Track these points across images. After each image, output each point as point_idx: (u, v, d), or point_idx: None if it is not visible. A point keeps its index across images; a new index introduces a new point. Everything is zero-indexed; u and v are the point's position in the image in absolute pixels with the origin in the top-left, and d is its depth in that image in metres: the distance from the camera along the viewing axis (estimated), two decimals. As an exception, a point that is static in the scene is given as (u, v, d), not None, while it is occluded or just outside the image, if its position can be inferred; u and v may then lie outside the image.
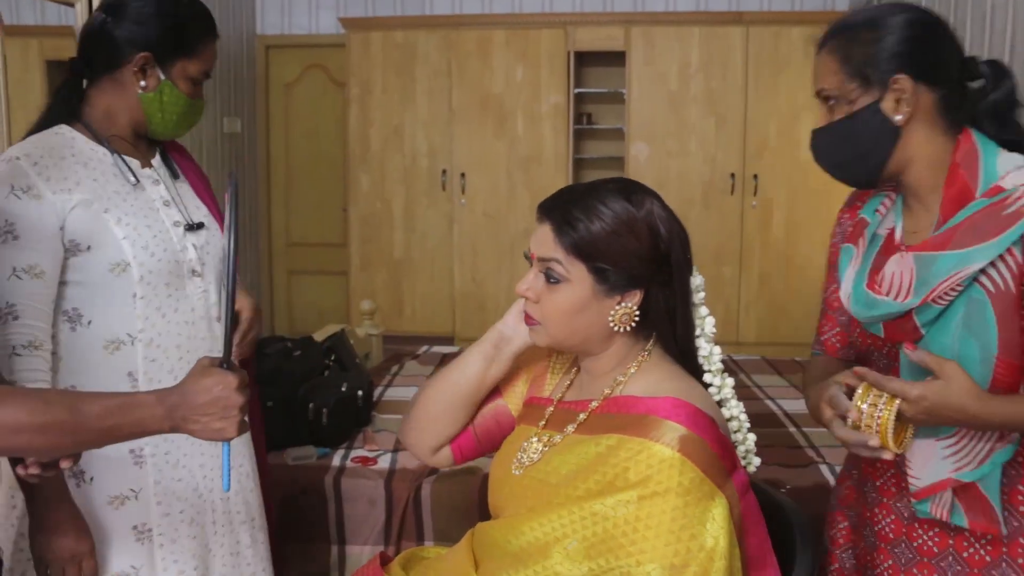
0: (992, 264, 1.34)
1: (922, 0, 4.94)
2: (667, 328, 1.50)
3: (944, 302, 1.37)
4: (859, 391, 1.36)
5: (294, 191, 6.93)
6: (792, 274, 6.01)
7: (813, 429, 3.38)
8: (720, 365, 1.54)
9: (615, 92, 6.19)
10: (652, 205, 1.47)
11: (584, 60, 6.25)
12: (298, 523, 2.74)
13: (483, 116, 6.12)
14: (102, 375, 1.77)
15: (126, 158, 1.85)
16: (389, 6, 6.59)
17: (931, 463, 1.42)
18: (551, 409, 1.56)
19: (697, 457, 1.33)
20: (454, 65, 6.10)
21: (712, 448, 1.35)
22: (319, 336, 3.71)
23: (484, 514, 1.78)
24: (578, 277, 1.43)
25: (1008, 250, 1.34)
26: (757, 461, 1.58)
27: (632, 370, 1.48)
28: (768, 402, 3.77)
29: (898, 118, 1.42)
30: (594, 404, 1.48)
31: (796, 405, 3.71)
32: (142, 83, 1.83)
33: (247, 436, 2.03)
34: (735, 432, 1.54)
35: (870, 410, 1.34)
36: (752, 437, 1.57)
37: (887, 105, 1.42)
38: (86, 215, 1.73)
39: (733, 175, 5.97)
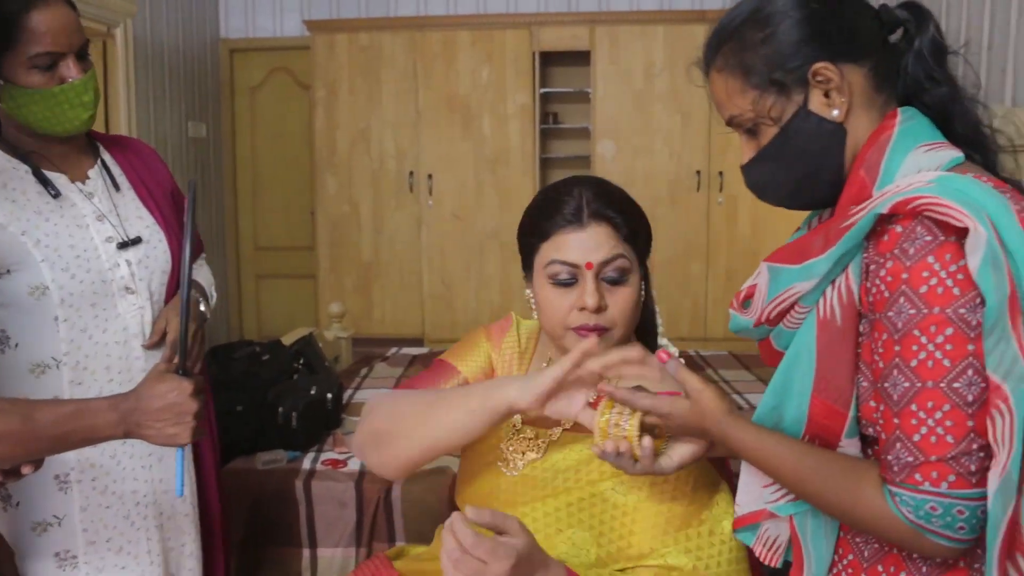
0: (834, 285, 1.11)
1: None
2: (648, 303, 1.53)
3: (792, 325, 1.16)
4: (601, 405, 1.25)
5: (261, 195, 6.90)
6: (759, 270, 6.05)
7: (780, 423, 3.41)
8: (663, 333, 1.59)
9: (581, 91, 6.21)
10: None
11: (549, 60, 6.26)
12: (269, 527, 2.73)
13: (450, 117, 6.12)
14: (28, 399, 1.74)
15: (50, 173, 1.76)
16: (353, 8, 6.57)
17: (753, 489, 1.25)
18: None
19: None
20: (420, 66, 6.09)
21: None
22: (287, 340, 3.70)
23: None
24: (635, 265, 1.45)
25: (845, 274, 1.10)
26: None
27: None
28: (736, 396, 3.80)
29: (835, 113, 1.15)
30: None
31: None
32: None
33: (189, 459, 1.98)
34: None
35: (616, 423, 1.22)
36: None
37: (816, 104, 1.16)
38: (1, 238, 1.65)
39: (699, 172, 6.01)
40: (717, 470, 1.38)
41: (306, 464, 2.87)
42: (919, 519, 1.01)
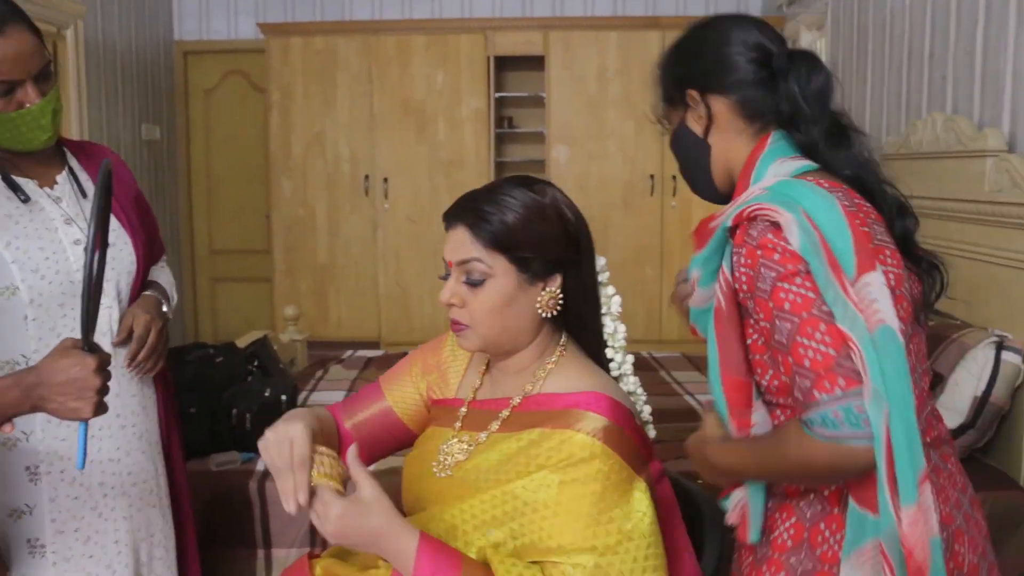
0: (716, 281, 1.36)
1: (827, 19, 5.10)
2: (583, 308, 1.54)
3: (696, 304, 1.42)
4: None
5: (216, 198, 6.87)
6: (711, 272, 6.13)
7: (730, 421, 3.48)
8: (623, 343, 1.61)
9: (535, 96, 6.27)
10: (554, 192, 1.51)
11: (504, 65, 6.31)
12: (223, 528, 2.74)
13: (404, 121, 6.14)
14: None
15: (19, 179, 1.81)
16: (308, 12, 6.57)
17: None
18: (464, 410, 1.57)
19: (617, 445, 1.37)
20: (375, 71, 6.11)
21: (631, 437, 1.40)
22: (242, 342, 3.69)
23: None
24: (501, 270, 1.44)
25: (721, 269, 1.35)
26: (653, 433, 1.64)
27: (550, 365, 1.51)
28: (687, 397, 3.86)
29: (698, 130, 1.48)
30: (515, 401, 1.50)
31: (714, 399, 3.81)
32: None
33: (154, 453, 2.02)
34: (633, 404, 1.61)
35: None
36: (647, 409, 1.64)
37: (690, 120, 1.49)
38: None
39: (652, 176, 6.09)
40: (632, 466, 1.39)
41: (260, 466, 2.88)
42: (830, 432, 1.18)
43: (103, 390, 1.36)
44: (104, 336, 1.88)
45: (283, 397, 3.20)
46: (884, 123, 4.35)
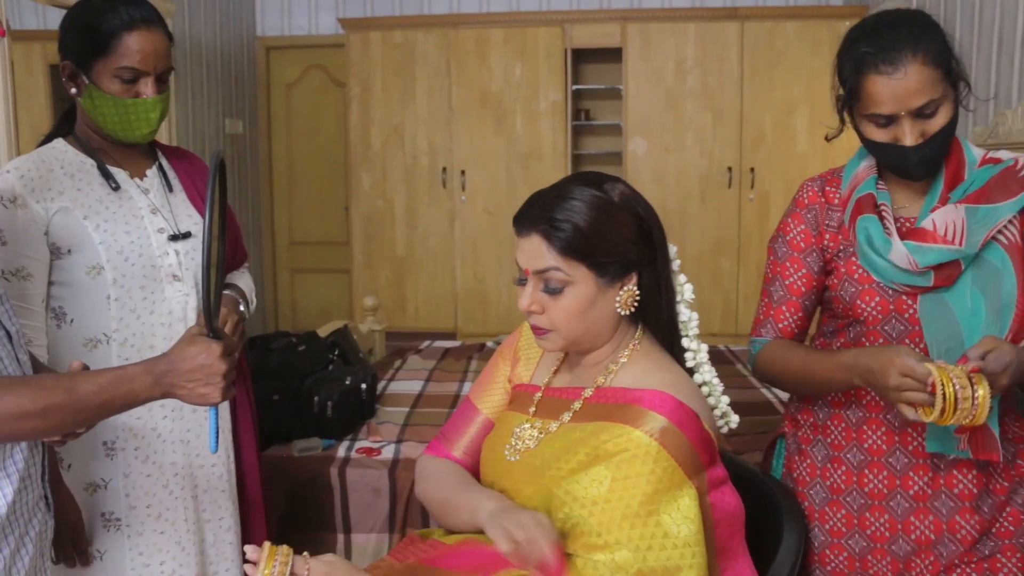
0: (1009, 221, 1.56)
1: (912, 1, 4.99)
2: (659, 301, 1.54)
3: (1000, 241, 1.57)
4: (935, 374, 1.37)
5: (296, 190, 6.99)
6: (790, 266, 6.04)
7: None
8: (696, 331, 1.60)
9: (612, 88, 6.25)
10: (622, 188, 1.51)
11: (581, 57, 6.30)
12: (304, 513, 2.80)
13: (482, 114, 6.18)
14: None
15: (112, 168, 1.94)
16: (387, 6, 6.65)
17: None
18: (539, 395, 1.60)
19: (674, 448, 1.38)
20: (453, 64, 6.15)
21: (691, 442, 1.40)
22: (323, 332, 3.76)
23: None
24: (580, 277, 1.45)
25: (1021, 213, 1.57)
26: (735, 419, 1.63)
27: (623, 359, 1.53)
28: (763, 391, 3.82)
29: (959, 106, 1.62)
30: (587, 392, 1.52)
31: (792, 393, 3.76)
32: (73, 90, 1.89)
33: (228, 442, 2.10)
34: (708, 396, 1.60)
35: (963, 392, 1.35)
36: (725, 399, 1.62)
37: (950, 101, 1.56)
38: (66, 221, 1.84)
39: (730, 169, 6.03)
40: (686, 471, 1.38)
41: (341, 452, 2.93)
42: None
43: (229, 374, 1.41)
44: (179, 322, 1.97)
45: (363, 385, 3.25)
46: (971, 112, 4.24)
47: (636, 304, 1.51)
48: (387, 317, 5.90)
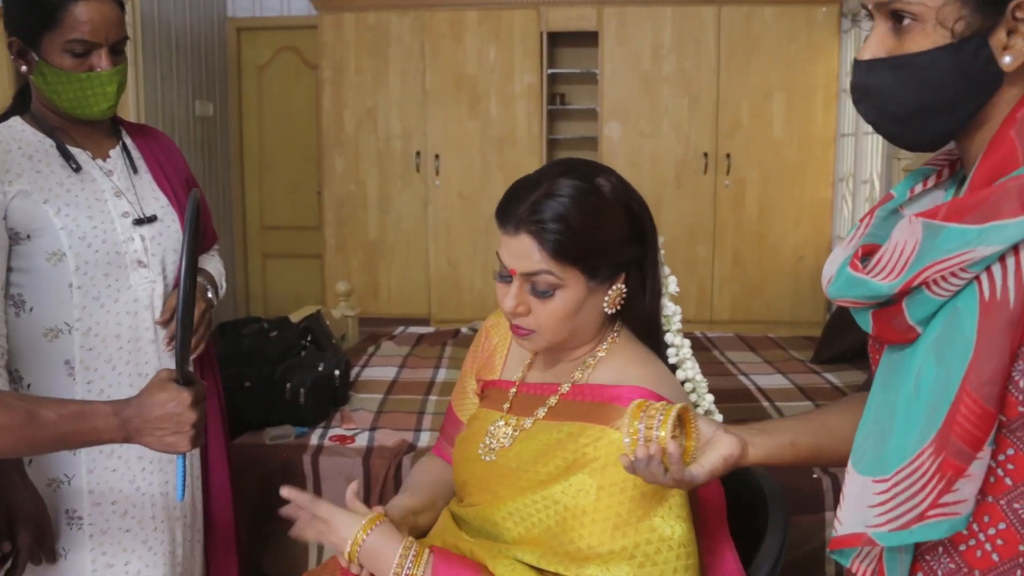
0: (1002, 260, 0.94)
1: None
2: (642, 297, 1.48)
3: (945, 293, 0.98)
4: (629, 411, 1.19)
5: (268, 174, 6.91)
6: (765, 252, 6.07)
7: (786, 403, 3.44)
8: (679, 326, 1.54)
9: (588, 72, 6.20)
10: (612, 181, 1.43)
11: (557, 41, 6.25)
12: (277, 502, 2.75)
13: (456, 97, 6.12)
14: (41, 362, 1.80)
15: (73, 149, 1.85)
16: (361, -13, 6.56)
17: (859, 508, 1.07)
18: (513, 391, 1.55)
19: None
20: (427, 46, 6.09)
21: None
22: (295, 317, 3.71)
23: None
24: (571, 280, 1.38)
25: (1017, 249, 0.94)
26: (719, 418, 1.58)
27: (601, 353, 1.47)
28: (741, 378, 3.82)
29: (1007, 60, 0.99)
30: (564, 388, 1.47)
31: (769, 380, 3.77)
32: (23, 68, 1.79)
33: (193, 464, 2.03)
34: (690, 392, 1.55)
35: (647, 427, 1.17)
36: (710, 397, 1.58)
37: (996, 40, 0.99)
38: (25, 205, 1.75)
39: (706, 154, 6.01)
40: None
41: (314, 440, 2.89)
42: None
43: (200, 423, 1.37)
44: (145, 310, 1.90)
45: (336, 372, 3.21)
46: None
47: (623, 300, 1.45)
48: (360, 302, 5.85)
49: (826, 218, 6.04)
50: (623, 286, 1.44)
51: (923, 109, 1.03)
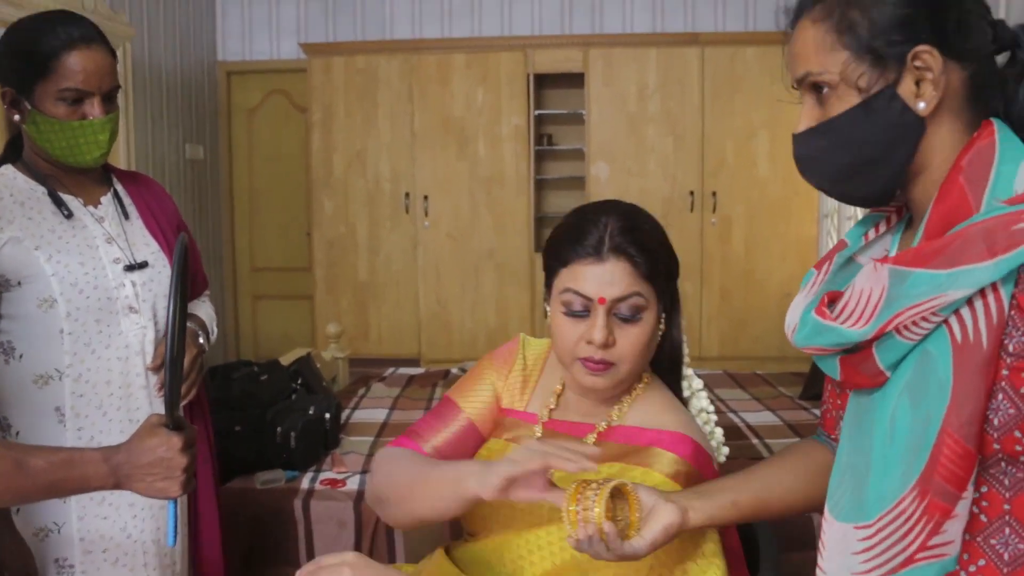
0: (970, 303, 0.96)
1: None
2: (672, 330, 1.49)
3: (915, 337, 1.00)
4: (568, 495, 1.19)
5: (258, 216, 6.93)
6: (752, 289, 6.11)
7: (775, 440, 3.45)
8: (687, 359, 1.56)
9: (575, 113, 6.27)
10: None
11: (544, 82, 6.33)
12: (268, 546, 2.75)
13: (445, 139, 6.17)
14: (30, 409, 1.80)
15: (65, 196, 1.86)
16: (350, 31, 6.63)
17: (842, 555, 1.07)
18: (538, 428, 1.50)
19: None
20: (415, 89, 6.15)
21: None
22: (285, 360, 3.72)
23: (455, 532, 1.77)
24: (652, 303, 1.39)
25: (993, 289, 0.95)
26: (726, 451, 1.60)
27: (636, 393, 1.48)
28: (731, 415, 3.83)
29: (921, 106, 1.03)
30: (601, 427, 1.45)
31: (758, 417, 3.78)
32: (16, 117, 1.81)
33: (183, 509, 2.01)
34: (704, 424, 1.56)
35: (584, 508, 1.18)
36: (719, 431, 1.60)
37: (905, 89, 1.03)
38: (16, 251, 1.76)
39: (692, 192, 6.06)
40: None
41: (304, 484, 2.89)
42: None
43: (191, 467, 1.36)
44: (136, 356, 1.90)
45: (327, 415, 3.22)
46: None
47: (661, 333, 1.45)
48: (350, 343, 5.85)
49: (812, 254, 6.09)
50: (663, 316, 1.45)
51: (857, 166, 1.08)
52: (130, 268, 1.90)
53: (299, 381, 3.52)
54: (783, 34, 1.16)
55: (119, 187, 2.00)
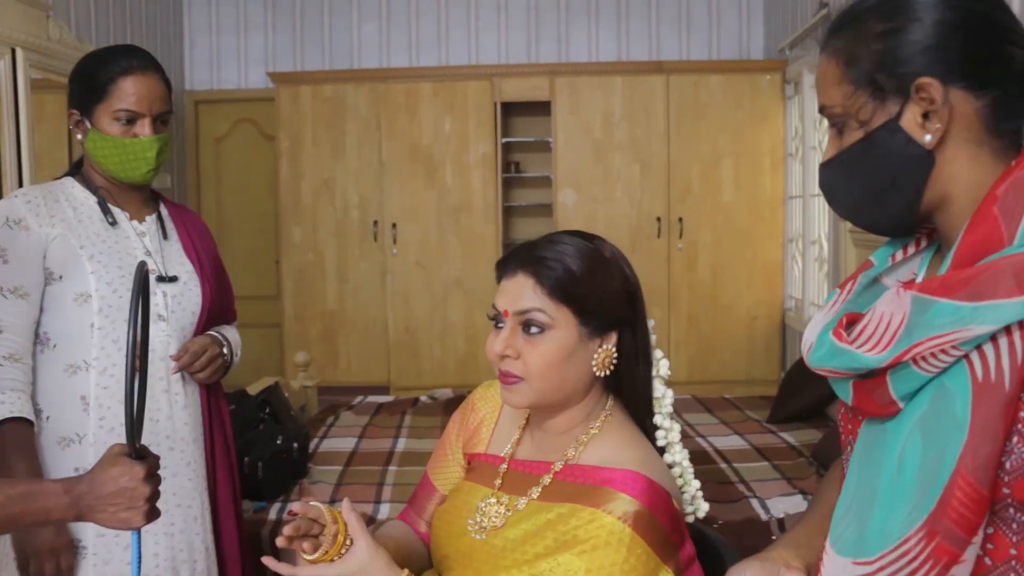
0: (994, 339, 0.92)
1: None
2: (635, 369, 1.49)
3: (933, 369, 0.96)
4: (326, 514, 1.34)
5: (226, 244, 6.89)
6: (719, 314, 6.16)
7: (743, 464, 3.48)
8: (670, 409, 1.54)
9: (542, 141, 6.33)
10: (612, 248, 1.49)
11: (510, 110, 6.38)
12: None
13: (413, 167, 6.20)
14: (58, 395, 1.93)
15: (113, 208, 2.03)
16: (317, 60, 6.66)
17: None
18: (504, 467, 1.52)
19: (647, 533, 1.32)
20: (383, 118, 6.18)
21: (663, 524, 1.35)
22: (253, 389, 3.71)
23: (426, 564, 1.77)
24: (564, 322, 1.39)
25: (1020, 327, 0.91)
26: (705, 507, 1.54)
27: (594, 431, 1.47)
28: (699, 439, 3.86)
29: (927, 139, 1.02)
30: (557, 467, 1.45)
31: (726, 442, 3.81)
32: (79, 136, 2.01)
33: (200, 484, 2.08)
34: (678, 477, 1.55)
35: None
36: (696, 484, 1.54)
37: (909, 121, 1.02)
38: (63, 247, 1.93)
39: (659, 219, 6.12)
40: (660, 555, 1.34)
41: (272, 514, 2.88)
42: None
43: (153, 497, 1.35)
44: (160, 362, 2.01)
45: (295, 444, 3.21)
46: None
47: (612, 367, 1.45)
48: (319, 372, 5.84)
49: (777, 279, 6.16)
50: (613, 349, 1.44)
51: (870, 196, 1.07)
52: (161, 279, 2.03)
53: (267, 411, 3.51)
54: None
55: (164, 211, 2.16)
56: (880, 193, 1.06)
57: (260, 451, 3.02)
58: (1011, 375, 0.91)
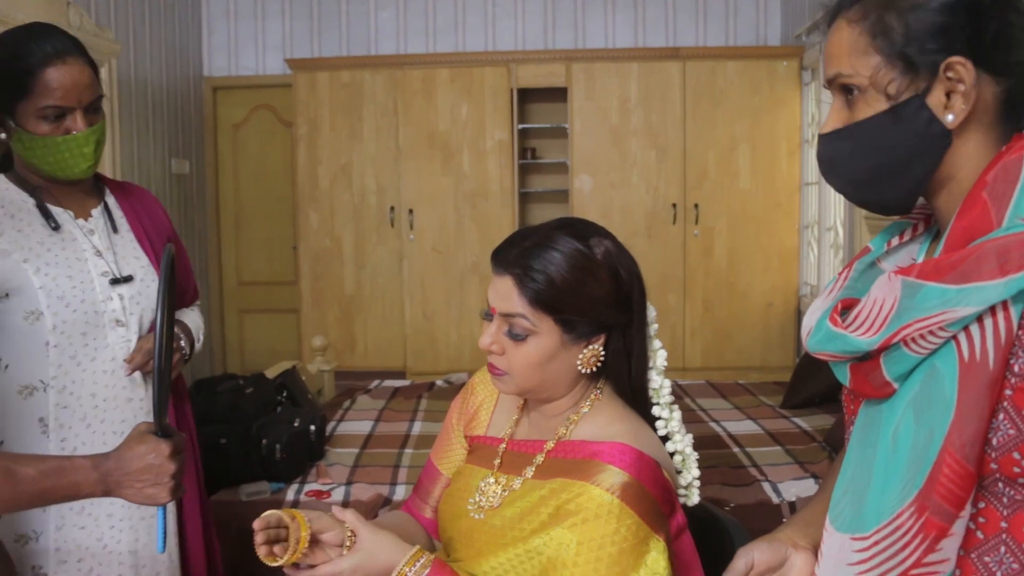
0: (980, 320, 0.95)
1: None
2: (624, 365, 1.50)
3: (923, 350, 0.99)
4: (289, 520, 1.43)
5: (244, 230, 6.96)
6: (735, 300, 6.17)
7: (756, 449, 3.50)
8: (670, 398, 1.54)
9: (558, 127, 6.33)
10: (607, 245, 1.47)
11: (527, 96, 6.38)
12: (254, 559, 2.77)
13: (430, 153, 6.22)
14: (14, 419, 1.81)
15: (54, 208, 1.88)
16: (335, 47, 6.68)
17: (838, 566, 1.08)
18: (503, 448, 1.55)
19: (636, 504, 1.34)
20: (400, 104, 6.19)
21: (652, 493, 1.37)
22: (271, 373, 3.75)
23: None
24: (545, 329, 1.41)
25: (1004, 307, 0.94)
26: (696, 498, 1.57)
27: (585, 409, 1.49)
28: (712, 424, 3.88)
29: (949, 118, 1.02)
30: (549, 445, 1.48)
31: (739, 427, 3.83)
32: (2, 135, 1.81)
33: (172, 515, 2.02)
34: (680, 464, 1.55)
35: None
36: (695, 472, 1.55)
37: (934, 99, 1.02)
38: (5, 264, 1.77)
39: (675, 205, 6.12)
40: (651, 525, 1.36)
41: (290, 495, 2.92)
42: None
43: (179, 474, 1.38)
44: (122, 368, 1.92)
45: (312, 427, 3.25)
46: None
47: (599, 364, 1.48)
48: (336, 356, 5.88)
49: (793, 265, 6.15)
50: (600, 348, 1.46)
51: (879, 172, 1.07)
52: (116, 282, 1.90)
53: (284, 394, 3.56)
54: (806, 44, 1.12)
55: (110, 200, 2.01)
56: (891, 169, 1.06)
57: (277, 434, 3.06)
58: (995, 355, 0.94)
